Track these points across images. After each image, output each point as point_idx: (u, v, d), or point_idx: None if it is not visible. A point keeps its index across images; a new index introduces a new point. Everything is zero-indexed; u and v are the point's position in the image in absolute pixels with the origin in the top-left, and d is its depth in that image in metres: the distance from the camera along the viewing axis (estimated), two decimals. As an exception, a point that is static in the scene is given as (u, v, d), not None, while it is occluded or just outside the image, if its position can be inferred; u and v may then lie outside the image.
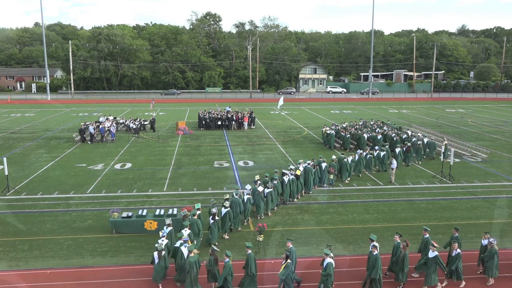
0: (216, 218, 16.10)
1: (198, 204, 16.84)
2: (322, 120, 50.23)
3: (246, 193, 18.37)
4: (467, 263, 14.36)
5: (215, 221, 16.04)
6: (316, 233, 17.46)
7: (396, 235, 13.94)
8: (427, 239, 13.88)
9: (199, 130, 42.78)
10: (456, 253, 13.27)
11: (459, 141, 35.11)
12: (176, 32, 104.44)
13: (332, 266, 12.40)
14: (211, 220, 16.05)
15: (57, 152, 32.34)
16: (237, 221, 17.60)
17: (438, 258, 12.97)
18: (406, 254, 13.05)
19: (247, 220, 18.40)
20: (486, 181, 24.94)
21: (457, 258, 13.24)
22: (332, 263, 12.45)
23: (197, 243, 15.46)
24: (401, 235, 14.23)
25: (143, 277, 13.99)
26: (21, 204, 20.73)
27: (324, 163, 23.45)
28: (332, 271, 12.32)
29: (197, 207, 16.44)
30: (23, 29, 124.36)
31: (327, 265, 12.34)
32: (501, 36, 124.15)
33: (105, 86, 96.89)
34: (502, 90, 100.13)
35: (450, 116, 55.90)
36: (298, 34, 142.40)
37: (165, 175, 26.03)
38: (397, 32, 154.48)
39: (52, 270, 14.43)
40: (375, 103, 74.39)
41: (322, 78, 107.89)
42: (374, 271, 12.66)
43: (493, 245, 13.41)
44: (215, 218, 16.08)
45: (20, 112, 59.02)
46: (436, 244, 13.25)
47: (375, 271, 12.62)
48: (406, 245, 13.25)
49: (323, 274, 12.34)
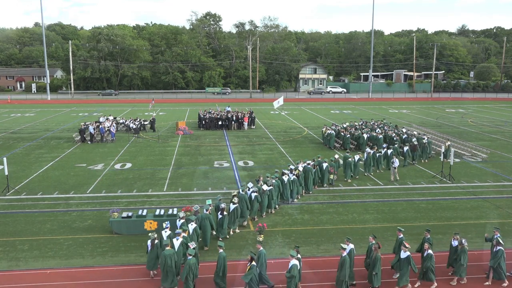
0: (224, 213, 16.47)
1: (209, 200, 17.18)
2: (322, 120, 50.23)
3: (253, 191, 18.48)
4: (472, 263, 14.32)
5: (223, 216, 16.42)
6: (316, 233, 17.45)
7: (371, 237, 13.84)
8: (401, 240, 13.77)
9: (199, 130, 42.78)
10: (427, 253, 13.18)
11: (459, 141, 35.11)
12: (176, 32, 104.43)
13: (297, 268, 12.31)
14: (219, 215, 16.43)
15: (57, 152, 32.34)
16: (245, 218, 18.00)
17: (410, 259, 12.89)
18: (377, 256, 12.93)
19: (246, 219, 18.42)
20: (486, 181, 24.94)
21: (428, 259, 13.16)
22: (297, 264, 12.36)
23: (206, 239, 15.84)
24: (401, 229, 14.19)
25: (143, 277, 13.99)
26: (21, 204, 20.73)
27: (325, 163, 23.48)
28: (296, 273, 12.24)
29: (208, 203, 16.77)
30: (23, 29, 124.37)
31: (292, 266, 12.25)
32: (501, 36, 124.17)
33: (105, 86, 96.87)
34: (502, 90, 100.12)
35: (450, 116, 55.90)
36: (298, 34, 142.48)
37: (165, 175, 26.03)
38: (397, 32, 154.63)
39: (52, 270, 14.42)
40: (375, 103, 74.40)
41: (322, 78, 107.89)
42: (341, 273, 12.63)
43: (464, 246, 13.41)
44: (223, 213, 16.44)
45: (20, 112, 59.02)
46: (408, 244, 13.19)
47: (343, 274, 12.57)
48: (378, 247, 13.13)
49: (287, 276, 12.22)
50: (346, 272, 12.55)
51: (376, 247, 13.14)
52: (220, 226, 16.50)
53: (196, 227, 15.16)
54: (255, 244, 15.98)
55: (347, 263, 12.61)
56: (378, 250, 13.07)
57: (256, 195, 18.37)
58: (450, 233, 17.25)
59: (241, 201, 17.65)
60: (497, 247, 13.47)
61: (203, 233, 15.78)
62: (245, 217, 18.01)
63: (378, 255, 12.93)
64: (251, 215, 18.50)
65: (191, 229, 14.88)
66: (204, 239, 15.84)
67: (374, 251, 13.07)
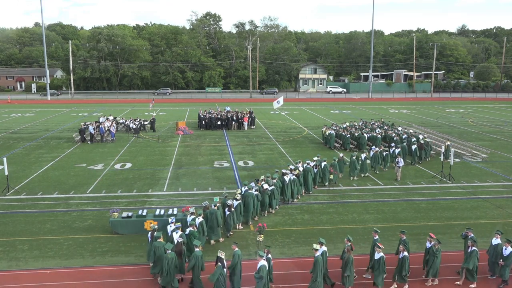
0: (232, 209, 16.86)
1: (216, 197, 17.37)
2: (322, 120, 50.23)
3: (255, 190, 18.60)
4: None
5: (230, 213, 16.81)
6: (316, 233, 17.44)
7: (345, 239, 13.72)
8: (375, 241, 13.70)
9: (199, 130, 42.78)
10: (402, 255, 13.12)
11: (459, 141, 35.11)
12: (176, 32, 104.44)
13: (265, 268, 12.29)
14: (227, 212, 16.80)
15: (57, 152, 32.34)
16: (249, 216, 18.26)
17: (382, 260, 12.84)
18: (350, 257, 12.88)
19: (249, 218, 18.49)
20: (486, 181, 24.94)
21: (403, 261, 13.10)
22: (266, 265, 12.35)
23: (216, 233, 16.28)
24: (377, 230, 14.17)
25: (143, 277, 13.99)
26: (21, 204, 20.73)
27: (324, 162, 23.55)
28: (265, 273, 12.22)
29: (216, 200, 17.02)
30: (23, 29, 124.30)
31: (260, 267, 12.24)
32: (501, 36, 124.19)
33: (105, 86, 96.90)
34: (502, 90, 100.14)
35: (450, 116, 55.90)
36: (298, 34, 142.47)
37: (165, 175, 26.03)
38: (397, 32, 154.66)
39: (52, 270, 14.42)
40: (375, 103, 74.40)
41: (322, 78, 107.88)
42: (314, 273, 12.60)
43: (438, 247, 13.40)
44: (230, 210, 16.83)
45: (20, 112, 59.03)
46: (381, 245, 13.15)
47: (315, 274, 12.53)
48: (350, 248, 13.05)
49: (256, 277, 12.19)
50: (318, 273, 12.51)
51: (349, 248, 13.06)
52: (227, 222, 16.96)
53: (203, 221, 15.63)
54: (256, 242, 16.06)
55: (320, 263, 12.59)
56: (350, 252, 12.99)
57: (257, 194, 18.52)
58: (450, 233, 17.30)
59: (247, 199, 17.99)
60: (471, 247, 13.37)
61: (210, 228, 16.27)
62: (249, 215, 18.16)
63: (350, 257, 12.89)
64: (253, 214, 18.62)
65: (197, 222, 15.41)
66: (209, 234, 16.29)
67: (347, 252, 13.00)
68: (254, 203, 18.34)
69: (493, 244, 13.98)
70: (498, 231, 14.25)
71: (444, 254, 14.38)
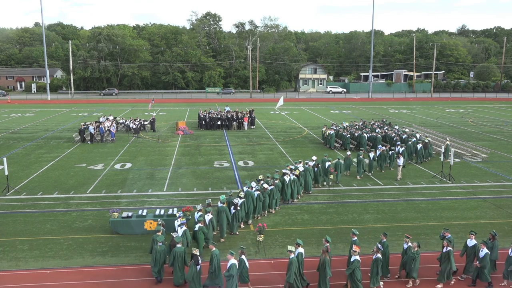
0: (238, 208, 17.09)
1: (222, 196, 17.52)
2: (322, 120, 50.22)
3: (256, 189, 18.64)
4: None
5: (236, 211, 17.04)
6: (316, 233, 17.45)
7: (324, 239, 13.80)
8: (353, 242, 13.66)
9: (199, 130, 42.78)
10: (375, 257, 13.07)
11: (459, 141, 35.11)
12: (176, 32, 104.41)
13: (235, 267, 12.33)
14: (233, 210, 17.00)
15: (57, 152, 32.34)
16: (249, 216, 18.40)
17: (357, 263, 12.76)
18: (325, 259, 12.83)
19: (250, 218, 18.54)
20: (486, 181, 24.94)
21: (375, 262, 13.05)
22: (236, 264, 12.39)
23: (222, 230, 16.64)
24: (356, 232, 14.17)
25: (143, 277, 13.99)
26: (21, 204, 20.73)
27: (328, 163, 23.64)
28: (235, 272, 12.26)
29: (222, 199, 17.23)
30: (23, 29, 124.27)
31: (231, 266, 12.30)
32: (501, 36, 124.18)
33: (105, 86, 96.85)
34: (502, 90, 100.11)
35: (450, 116, 55.89)
36: (298, 34, 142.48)
37: (165, 175, 26.03)
38: (397, 32, 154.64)
39: (52, 270, 14.43)
40: (375, 103, 74.40)
41: (322, 78, 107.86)
42: (287, 274, 12.59)
43: (416, 248, 13.41)
44: (236, 208, 17.06)
45: (20, 112, 59.03)
46: (356, 248, 13.06)
47: (289, 275, 12.52)
48: (326, 250, 12.99)
49: (226, 275, 12.30)
50: (292, 274, 12.53)
51: (324, 250, 13.02)
52: (232, 221, 17.15)
53: (212, 218, 15.99)
54: (256, 242, 16.07)
55: (294, 265, 12.60)
56: (326, 254, 12.93)
57: (259, 194, 18.57)
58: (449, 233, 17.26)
59: (248, 197, 18.09)
60: (446, 248, 13.30)
61: (220, 225, 16.64)
62: (250, 214, 18.24)
63: (326, 259, 12.86)
64: (255, 213, 18.67)
65: (207, 219, 15.74)
66: (221, 231, 16.69)
67: (322, 254, 12.95)
68: (255, 202, 18.36)
69: (469, 246, 13.95)
70: (472, 232, 14.28)
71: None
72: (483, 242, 13.61)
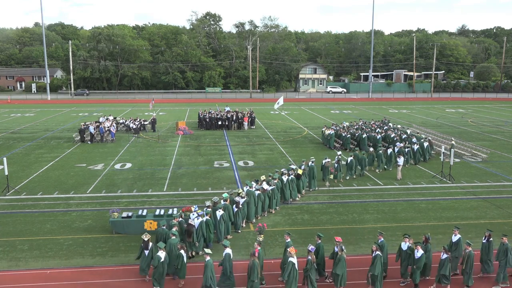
0: (240, 206, 17.22)
1: (225, 194, 17.63)
2: (322, 120, 50.22)
3: (256, 189, 18.70)
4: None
5: (239, 209, 17.19)
6: (316, 233, 17.41)
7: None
8: (286, 245, 13.56)
9: (199, 130, 42.78)
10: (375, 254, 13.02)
11: (459, 141, 35.10)
12: (176, 32, 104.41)
13: (212, 266, 12.43)
14: (235, 209, 17.13)
15: (57, 152, 32.33)
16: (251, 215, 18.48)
17: (292, 265, 12.66)
18: (309, 260, 12.83)
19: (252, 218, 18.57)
20: (486, 181, 24.94)
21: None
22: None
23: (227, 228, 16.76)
24: (289, 233, 14.27)
25: (143, 277, 13.98)
26: (21, 204, 20.73)
27: (325, 160, 23.81)
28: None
29: (226, 196, 17.39)
30: (23, 29, 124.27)
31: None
32: (501, 36, 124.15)
33: (105, 86, 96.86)
34: (502, 90, 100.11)
35: (450, 116, 55.89)
36: (298, 34, 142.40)
37: (165, 175, 26.03)
38: (397, 32, 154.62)
39: (52, 270, 14.42)
40: (375, 103, 74.39)
41: (322, 78, 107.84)
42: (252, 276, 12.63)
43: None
44: (239, 207, 17.19)
45: (20, 112, 59.02)
46: (291, 250, 12.99)
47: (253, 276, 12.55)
48: (253, 253, 12.85)
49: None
50: (256, 277, 12.66)
51: (252, 253, 12.90)
52: (236, 219, 17.30)
53: (224, 214, 16.21)
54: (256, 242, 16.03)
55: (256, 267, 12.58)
56: (254, 257, 12.77)
57: (259, 194, 18.60)
58: (450, 233, 17.24)
59: (250, 197, 18.16)
60: (375, 252, 13.00)
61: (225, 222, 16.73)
62: (251, 214, 18.29)
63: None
64: (256, 213, 18.70)
65: (218, 215, 16.00)
66: (226, 229, 16.72)
67: (251, 257, 12.81)
68: (255, 201, 18.36)
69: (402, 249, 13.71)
70: (406, 235, 13.97)
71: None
72: (418, 244, 13.52)
